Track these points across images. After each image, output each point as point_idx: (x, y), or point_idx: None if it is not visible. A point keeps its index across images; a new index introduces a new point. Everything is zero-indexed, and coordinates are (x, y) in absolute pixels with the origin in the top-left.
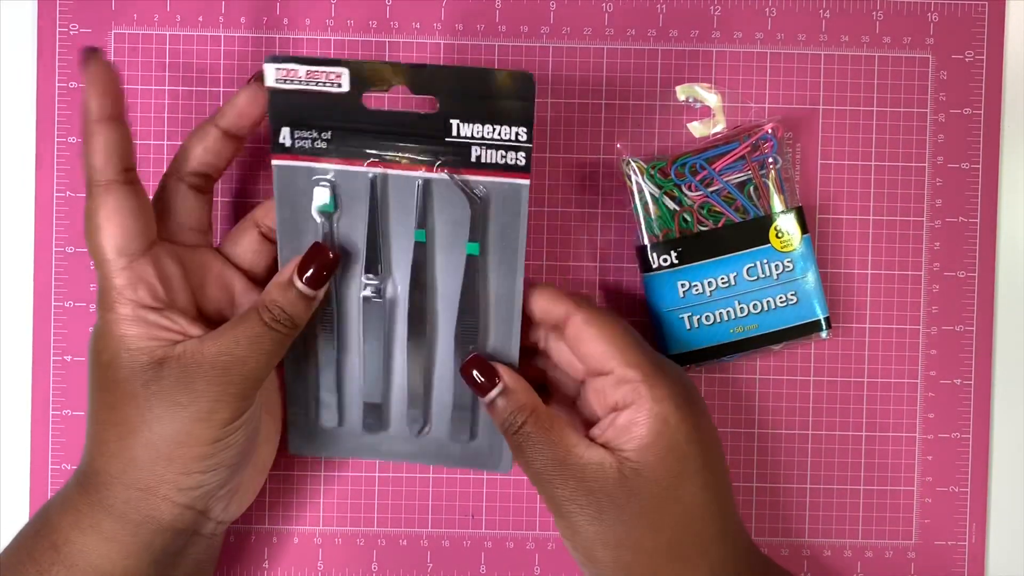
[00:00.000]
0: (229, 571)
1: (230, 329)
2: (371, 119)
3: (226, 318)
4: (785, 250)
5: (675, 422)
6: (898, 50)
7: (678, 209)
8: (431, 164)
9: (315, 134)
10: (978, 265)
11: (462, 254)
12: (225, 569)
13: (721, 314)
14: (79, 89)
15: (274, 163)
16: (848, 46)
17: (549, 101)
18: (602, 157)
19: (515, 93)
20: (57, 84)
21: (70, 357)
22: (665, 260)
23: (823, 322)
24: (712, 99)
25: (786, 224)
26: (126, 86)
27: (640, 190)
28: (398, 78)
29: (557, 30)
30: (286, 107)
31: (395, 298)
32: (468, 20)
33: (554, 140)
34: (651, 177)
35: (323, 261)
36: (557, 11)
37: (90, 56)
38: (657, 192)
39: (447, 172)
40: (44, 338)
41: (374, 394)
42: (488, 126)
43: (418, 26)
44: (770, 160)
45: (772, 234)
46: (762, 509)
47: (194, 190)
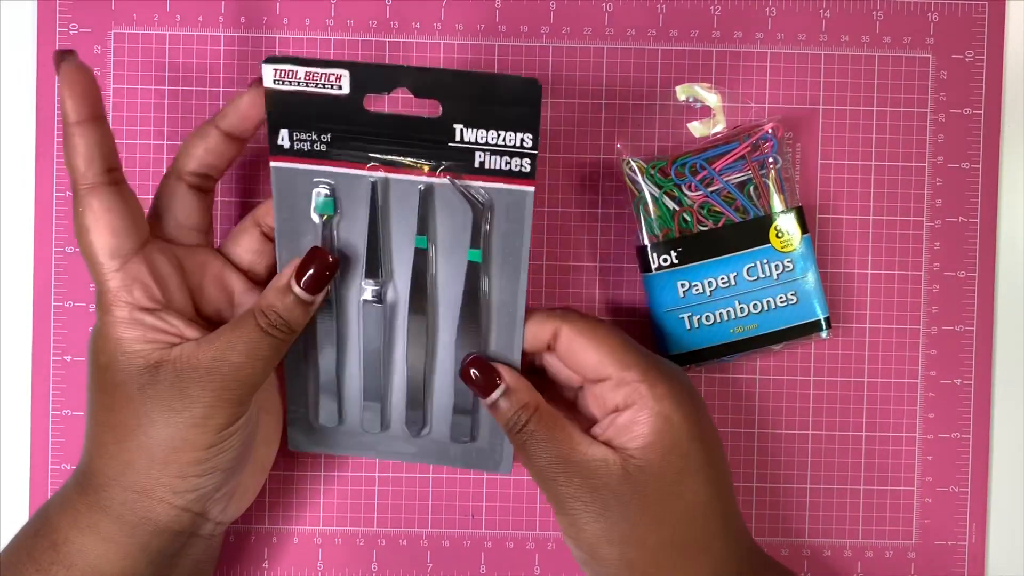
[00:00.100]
0: (229, 571)
1: (226, 333)
2: (372, 122)
3: (225, 319)
4: (785, 250)
5: (677, 420)
6: (898, 50)
7: (678, 209)
8: (433, 169)
9: (314, 136)
10: (978, 265)
11: (463, 260)
12: (225, 569)
13: (721, 314)
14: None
15: (272, 165)
16: (848, 46)
17: (549, 101)
18: (602, 157)
19: (521, 98)
20: (57, 84)
21: (70, 357)
22: (665, 260)
23: (823, 322)
24: (712, 99)
25: (786, 224)
26: (126, 86)
27: (640, 190)
28: (400, 81)
29: (557, 30)
30: (284, 108)
31: (395, 302)
32: (468, 20)
33: (554, 140)
34: (651, 177)
35: (322, 265)
36: (557, 11)
37: (63, 59)
38: (657, 192)
39: (449, 177)
40: (44, 338)
41: (374, 396)
42: (493, 132)
43: (418, 26)
44: (770, 160)
45: (772, 234)
46: (762, 509)
47: (194, 190)
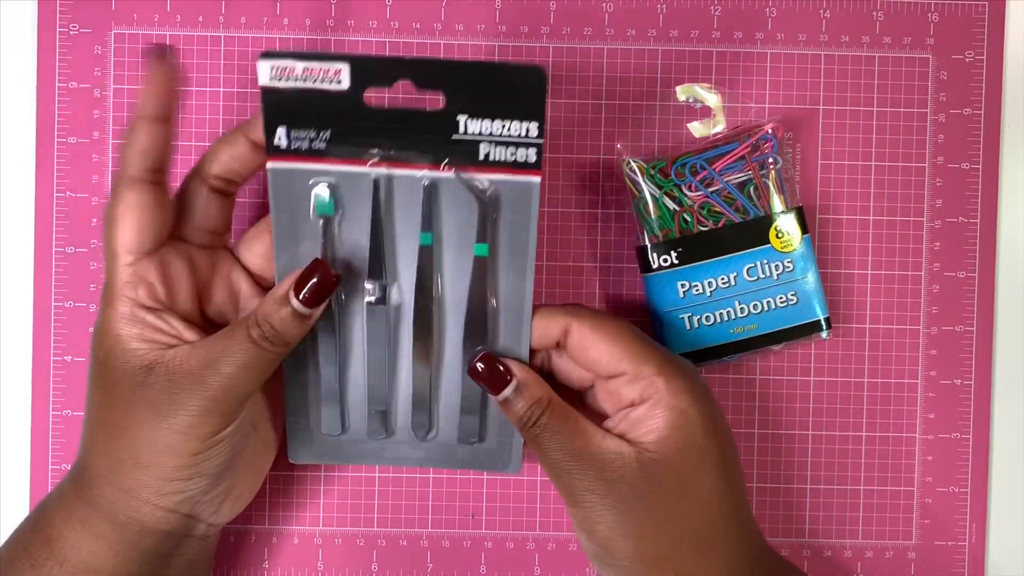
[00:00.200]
0: (229, 571)
1: (218, 341)
2: (373, 117)
3: (228, 322)
4: (785, 250)
5: (693, 415)
6: (898, 50)
7: (678, 209)
8: (437, 163)
9: (313, 134)
10: (978, 265)
11: (470, 255)
12: (225, 569)
13: (721, 314)
14: (79, 90)
15: (269, 166)
16: (848, 46)
17: (549, 101)
18: (602, 157)
19: (526, 87)
20: (57, 84)
21: (70, 357)
22: (665, 260)
23: (823, 322)
24: (712, 99)
25: (786, 224)
26: (126, 86)
27: (640, 190)
28: (402, 73)
29: (557, 30)
30: (282, 106)
31: (400, 303)
32: (468, 20)
33: (554, 140)
34: (651, 177)
35: (322, 280)
36: (557, 11)
37: (158, 55)
38: (657, 192)
39: (454, 170)
40: (44, 338)
41: (379, 401)
42: (497, 122)
43: (418, 26)
44: (770, 160)
45: (772, 234)
46: (762, 509)
47: (216, 192)
